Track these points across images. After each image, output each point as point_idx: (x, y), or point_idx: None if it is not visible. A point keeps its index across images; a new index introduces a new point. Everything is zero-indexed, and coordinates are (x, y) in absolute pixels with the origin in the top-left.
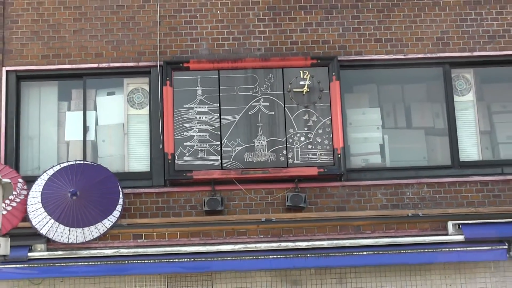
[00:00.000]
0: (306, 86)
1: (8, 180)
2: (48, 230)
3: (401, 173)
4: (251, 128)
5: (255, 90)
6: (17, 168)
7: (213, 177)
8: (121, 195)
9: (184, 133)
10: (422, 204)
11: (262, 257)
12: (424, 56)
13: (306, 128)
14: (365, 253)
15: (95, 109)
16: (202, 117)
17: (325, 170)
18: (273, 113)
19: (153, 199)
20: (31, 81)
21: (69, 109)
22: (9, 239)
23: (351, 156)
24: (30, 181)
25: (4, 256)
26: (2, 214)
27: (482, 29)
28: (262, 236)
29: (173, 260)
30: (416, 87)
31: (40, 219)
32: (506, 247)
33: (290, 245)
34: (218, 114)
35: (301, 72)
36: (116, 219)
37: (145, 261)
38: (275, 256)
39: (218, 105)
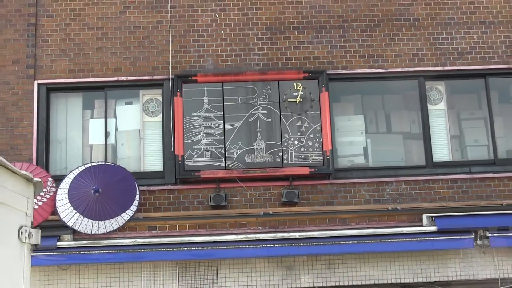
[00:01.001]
0: (299, 96)
1: (39, 179)
2: (74, 222)
3: (382, 172)
4: (251, 133)
5: (255, 100)
6: (47, 168)
7: (217, 176)
8: (137, 192)
9: (193, 138)
10: (400, 199)
11: (260, 246)
12: (401, 70)
13: (299, 133)
14: (350, 242)
15: (115, 116)
16: (208, 124)
17: (316, 169)
18: (270, 120)
19: (165, 195)
20: (59, 92)
21: (92, 117)
22: (40, 230)
23: (338, 157)
24: (58, 179)
25: (35, 245)
26: (34, 208)
27: (452, 47)
28: (260, 228)
29: (183, 248)
30: (395, 97)
31: (67, 213)
32: (473, 236)
33: (285, 235)
34: (222, 121)
35: (295, 84)
36: (133, 213)
37: (159, 249)
38: (272, 245)
39: (222, 113)
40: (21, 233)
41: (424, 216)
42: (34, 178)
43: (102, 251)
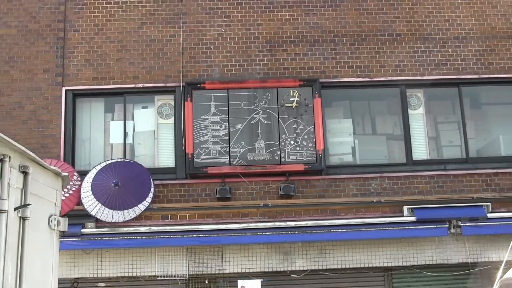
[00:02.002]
0: (295, 102)
1: (67, 174)
2: (97, 212)
3: (367, 169)
4: (252, 134)
5: (256, 105)
6: (73, 164)
7: (223, 172)
8: (152, 185)
9: (201, 138)
10: (383, 193)
11: (260, 233)
12: (385, 79)
13: (295, 134)
14: (339, 230)
15: (133, 119)
16: (215, 126)
17: (310, 166)
18: (270, 122)
19: (177, 189)
20: (84, 97)
21: (112, 119)
22: (67, 218)
23: (330, 156)
24: (83, 174)
25: (63, 231)
26: (62, 199)
27: (430, 59)
28: (260, 217)
29: (192, 235)
30: (379, 103)
31: (90, 203)
32: (447, 226)
33: (282, 224)
34: (227, 123)
35: (291, 91)
36: (148, 204)
37: (171, 236)
38: (270, 233)
39: (227, 116)
40: (51, 221)
41: (405, 208)
42: (62, 173)
43: (121, 238)
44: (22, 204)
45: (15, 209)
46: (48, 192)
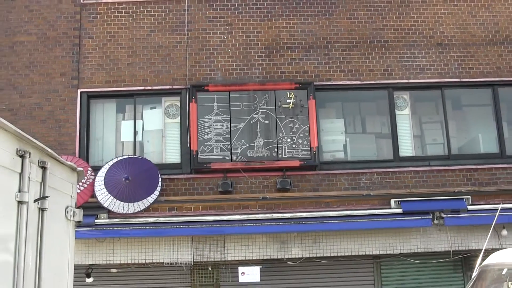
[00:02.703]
0: (291, 103)
1: (82, 169)
2: (109, 204)
3: (358, 165)
4: (252, 132)
5: (255, 105)
6: (87, 160)
7: (225, 167)
8: (160, 180)
9: (205, 136)
10: (372, 186)
11: (259, 224)
12: (374, 82)
13: (291, 133)
14: (332, 221)
15: (142, 119)
16: (217, 125)
17: (305, 162)
18: (268, 122)
19: (182, 183)
20: (97, 99)
21: (123, 119)
22: (82, 210)
23: (323, 153)
24: (96, 169)
25: (78, 222)
26: (77, 192)
27: (415, 64)
28: (259, 209)
29: (197, 226)
30: (369, 104)
31: (103, 196)
32: (431, 217)
33: (279, 215)
34: (229, 123)
35: (288, 93)
36: (156, 196)
37: (177, 226)
38: (269, 224)
39: (228, 116)
40: (67, 212)
41: (392, 201)
42: (77, 168)
43: (131, 227)
44: (41, 196)
45: (35, 201)
46: (64, 186)
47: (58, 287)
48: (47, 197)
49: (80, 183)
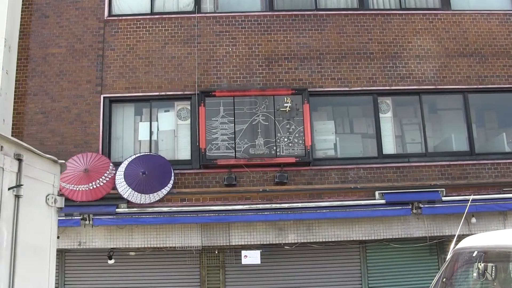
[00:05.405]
0: (288, 107)
1: (63, 161)
2: (128, 195)
3: (346, 161)
4: (253, 133)
5: (256, 109)
6: (109, 156)
7: (230, 163)
8: (172, 174)
9: (212, 136)
10: (359, 180)
11: (260, 213)
12: (361, 89)
13: (288, 133)
14: (324, 211)
15: (157, 120)
16: (223, 126)
17: (300, 159)
18: (267, 123)
19: (192, 177)
20: (118, 103)
21: (141, 121)
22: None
23: (316, 151)
24: (116, 164)
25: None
26: (100, 185)
27: (396, 73)
28: (260, 200)
29: (205, 215)
30: (356, 108)
31: (123, 188)
32: (410, 207)
33: (278, 206)
34: (233, 124)
35: (285, 98)
36: (170, 189)
37: (187, 215)
38: (268, 213)
39: (233, 118)
40: (48, 198)
41: (376, 193)
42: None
43: (147, 216)
44: (17, 184)
45: (9, 188)
46: (45, 176)
47: (39, 263)
48: (21, 185)
49: (103, 177)
